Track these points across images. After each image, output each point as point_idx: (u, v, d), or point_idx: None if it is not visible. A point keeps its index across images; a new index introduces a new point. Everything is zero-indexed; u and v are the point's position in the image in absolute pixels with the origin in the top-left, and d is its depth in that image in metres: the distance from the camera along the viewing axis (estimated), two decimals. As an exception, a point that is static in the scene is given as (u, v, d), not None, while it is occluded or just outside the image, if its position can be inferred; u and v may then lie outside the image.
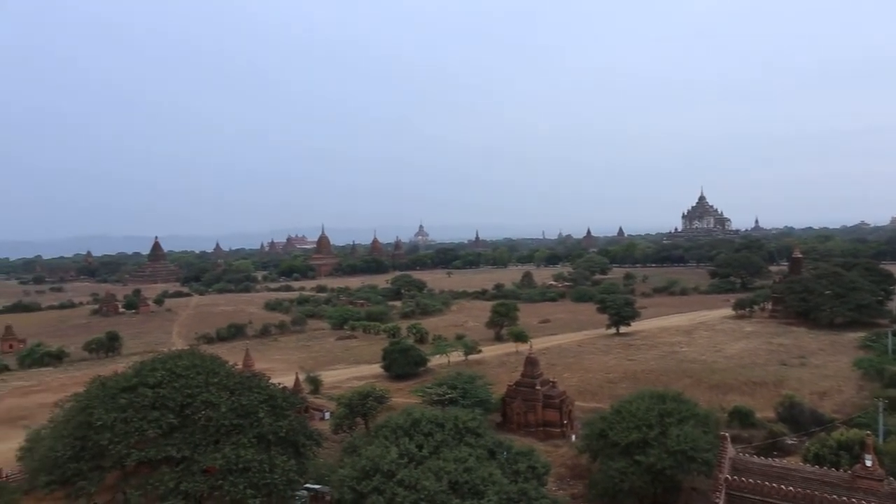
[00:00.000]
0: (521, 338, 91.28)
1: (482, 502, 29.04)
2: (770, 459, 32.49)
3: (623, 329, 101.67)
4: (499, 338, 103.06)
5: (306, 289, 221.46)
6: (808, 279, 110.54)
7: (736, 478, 28.68)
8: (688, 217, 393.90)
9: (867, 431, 33.85)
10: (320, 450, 41.73)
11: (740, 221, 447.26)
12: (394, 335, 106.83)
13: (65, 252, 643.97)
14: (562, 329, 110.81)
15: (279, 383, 42.69)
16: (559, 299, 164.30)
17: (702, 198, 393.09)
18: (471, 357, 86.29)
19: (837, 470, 29.95)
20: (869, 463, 27.41)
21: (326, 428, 53.50)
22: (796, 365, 72.71)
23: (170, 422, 33.97)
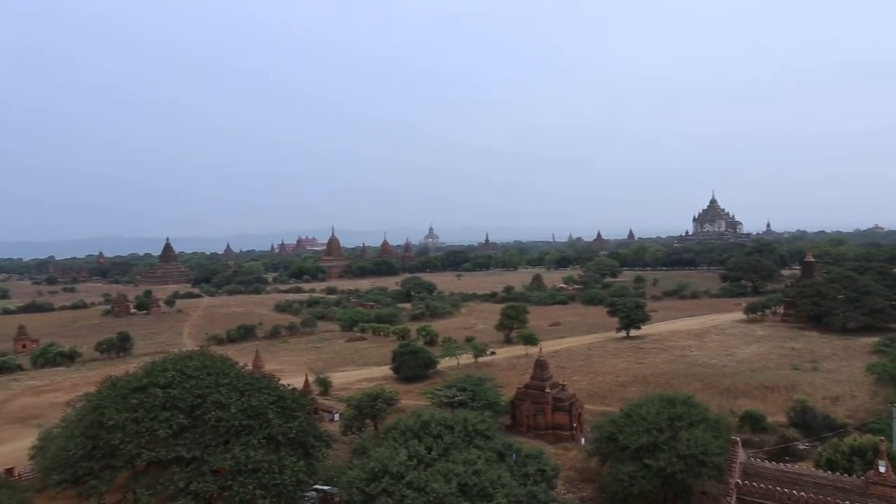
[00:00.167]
0: (530, 340, 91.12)
1: (491, 505, 28.98)
2: (782, 465, 32.24)
3: (633, 332, 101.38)
4: (508, 340, 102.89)
5: (316, 290, 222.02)
6: (820, 283, 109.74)
7: (747, 483, 28.49)
8: (699, 220, 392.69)
9: (881, 437, 33.58)
10: (329, 451, 41.73)
11: (752, 225, 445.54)
12: (403, 337, 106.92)
13: (77, 253, 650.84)
14: (572, 332, 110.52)
15: (289, 384, 42.71)
16: (569, 302, 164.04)
17: (713, 201, 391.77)
18: (481, 359, 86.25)
19: (850, 476, 29.68)
20: (882, 469, 27.18)
21: (336, 429, 53.59)
22: (808, 369, 72.13)
23: (180, 422, 34.12)
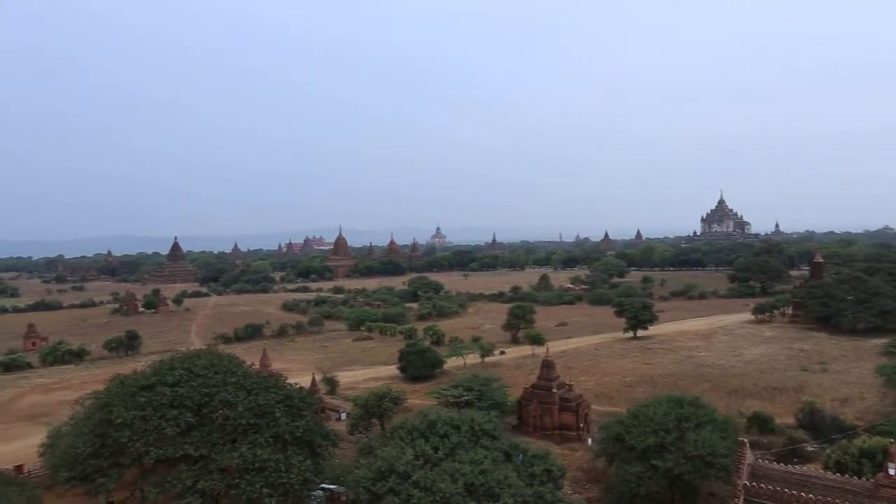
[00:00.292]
0: (537, 340, 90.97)
1: (497, 505, 28.96)
2: (790, 466, 32.08)
3: (640, 333, 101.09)
4: (515, 340, 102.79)
5: (323, 290, 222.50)
6: (829, 284, 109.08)
7: (755, 484, 28.36)
8: (707, 220, 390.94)
9: (890, 439, 33.33)
10: (336, 450, 41.85)
11: (760, 225, 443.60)
12: (410, 337, 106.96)
13: (86, 251, 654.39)
14: (579, 332, 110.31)
15: (296, 383, 42.82)
16: (576, 302, 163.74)
17: (721, 201, 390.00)
18: (487, 359, 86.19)
19: (860, 478, 29.49)
20: (892, 471, 27.00)
21: (342, 428, 53.70)
22: (817, 371, 71.71)
23: (188, 420, 34.28)
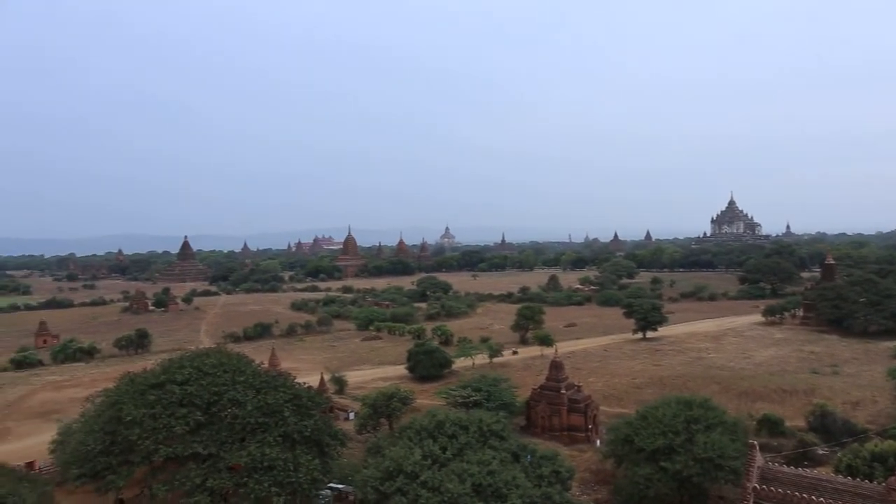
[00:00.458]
0: (546, 341, 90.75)
1: (505, 506, 28.92)
2: (800, 469, 31.82)
3: (650, 334, 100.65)
4: (524, 341, 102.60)
5: (332, 289, 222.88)
6: (841, 286, 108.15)
7: (764, 487, 28.15)
8: (717, 222, 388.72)
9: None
10: (344, 450, 41.97)
11: (771, 226, 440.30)
12: (419, 337, 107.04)
13: (97, 250, 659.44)
14: (587, 333, 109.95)
15: (304, 383, 42.98)
16: (585, 303, 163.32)
17: (731, 202, 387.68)
18: (496, 360, 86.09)
19: (871, 482, 29.21)
20: (904, 475, 26.71)
21: (351, 428, 53.81)
22: (828, 373, 71.13)
23: (197, 419, 34.45)
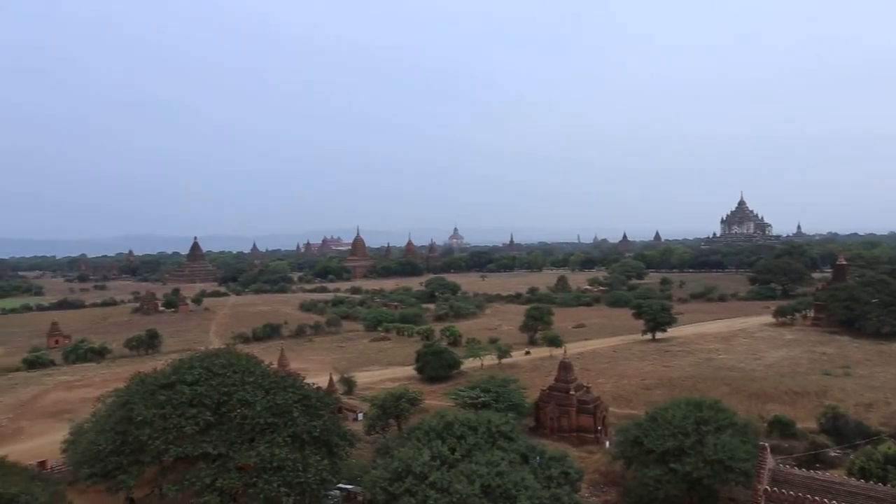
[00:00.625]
0: (555, 342, 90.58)
1: (514, 507, 28.85)
2: (812, 472, 31.55)
3: (659, 335, 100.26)
4: (533, 342, 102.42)
5: (341, 290, 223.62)
6: (853, 287, 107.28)
7: (776, 490, 27.91)
8: (727, 222, 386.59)
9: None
10: (353, 450, 42.00)
11: (782, 227, 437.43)
12: (427, 337, 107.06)
13: (108, 251, 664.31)
14: (596, 334, 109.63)
15: (313, 383, 43.06)
16: (594, 304, 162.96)
17: (741, 202, 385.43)
18: (504, 360, 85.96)
19: (885, 485, 28.92)
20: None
21: (359, 428, 53.85)
22: (840, 375, 70.53)
23: (206, 419, 34.59)
